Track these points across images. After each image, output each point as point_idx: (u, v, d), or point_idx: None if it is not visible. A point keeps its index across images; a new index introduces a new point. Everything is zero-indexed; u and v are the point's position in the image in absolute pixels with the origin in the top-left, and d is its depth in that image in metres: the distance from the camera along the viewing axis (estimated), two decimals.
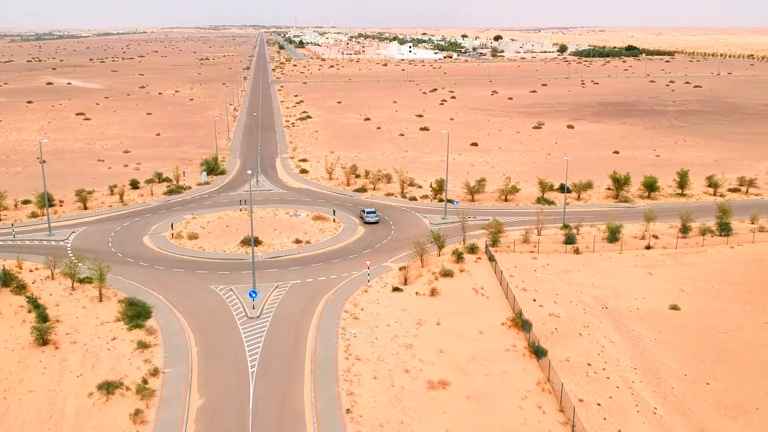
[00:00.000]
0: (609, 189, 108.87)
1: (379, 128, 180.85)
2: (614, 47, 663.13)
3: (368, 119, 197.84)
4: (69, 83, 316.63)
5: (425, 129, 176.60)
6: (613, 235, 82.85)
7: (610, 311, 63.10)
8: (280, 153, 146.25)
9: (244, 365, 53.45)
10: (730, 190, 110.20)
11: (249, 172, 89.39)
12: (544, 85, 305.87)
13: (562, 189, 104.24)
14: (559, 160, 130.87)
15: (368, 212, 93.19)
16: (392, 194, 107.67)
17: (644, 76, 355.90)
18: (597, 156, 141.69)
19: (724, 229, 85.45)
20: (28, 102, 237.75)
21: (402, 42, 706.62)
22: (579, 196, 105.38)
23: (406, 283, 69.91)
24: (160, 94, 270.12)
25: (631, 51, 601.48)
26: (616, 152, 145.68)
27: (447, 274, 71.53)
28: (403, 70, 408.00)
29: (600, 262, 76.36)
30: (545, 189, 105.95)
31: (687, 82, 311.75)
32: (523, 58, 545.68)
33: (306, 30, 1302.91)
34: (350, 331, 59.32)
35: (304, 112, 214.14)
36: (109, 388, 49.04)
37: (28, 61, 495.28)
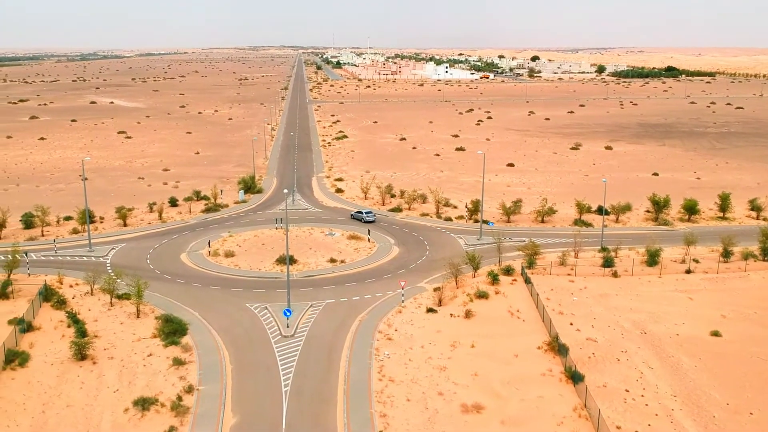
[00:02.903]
0: (648, 211, 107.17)
1: (414, 148, 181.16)
2: (653, 68, 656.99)
3: (404, 139, 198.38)
4: (111, 102, 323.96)
5: (461, 149, 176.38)
6: (653, 259, 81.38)
7: (649, 336, 61.81)
8: (316, 172, 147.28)
9: (278, 384, 53.49)
10: None
11: (285, 191, 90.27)
12: (581, 105, 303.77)
13: (600, 211, 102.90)
14: (596, 182, 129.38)
15: (366, 212, 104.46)
16: (427, 214, 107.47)
17: (684, 97, 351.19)
18: (636, 178, 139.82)
19: None
20: (72, 120, 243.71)
21: (438, 62, 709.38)
22: (617, 219, 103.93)
23: (440, 304, 69.49)
24: (199, 113, 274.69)
25: (671, 72, 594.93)
26: (656, 174, 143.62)
27: (482, 295, 70.90)
28: (440, 90, 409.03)
29: (639, 286, 75.00)
30: (583, 211, 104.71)
31: (728, 104, 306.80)
32: (560, 79, 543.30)
33: (343, 51, 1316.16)
34: (384, 351, 59.04)
35: (341, 131, 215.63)
36: (144, 404, 49.49)
37: (73, 80, 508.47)
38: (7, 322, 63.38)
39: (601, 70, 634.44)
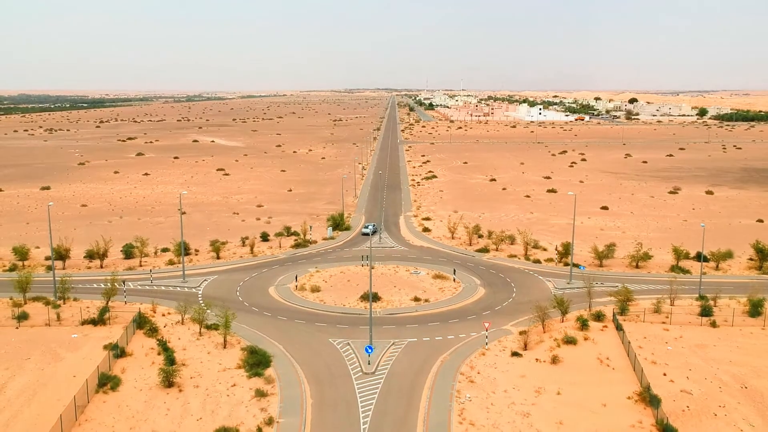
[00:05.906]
0: (751, 259, 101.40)
1: (504, 189, 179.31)
2: (760, 111, 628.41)
3: (494, 180, 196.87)
4: (212, 141, 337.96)
5: (552, 191, 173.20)
6: (755, 309, 76.66)
7: (750, 391, 57.88)
8: (404, 211, 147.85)
9: (357, 422, 53.10)
10: None
11: (366, 228, 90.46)
12: (681, 149, 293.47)
13: (699, 257, 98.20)
14: (695, 227, 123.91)
15: (372, 225, 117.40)
16: (515, 256, 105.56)
17: None
18: (738, 224, 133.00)
19: None
20: (175, 157, 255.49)
21: (532, 104, 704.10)
22: (717, 266, 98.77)
23: (525, 348, 67.61)
24: (294, 152, 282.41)
25: None
26: (760, 221, 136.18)
27: (570, 341, 68.56)
28: (532, 132, 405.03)
29: (739, 337, 70.66)
30: (680, 257, 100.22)
31: None
32: (659, 122, 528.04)
33: (436, 93, 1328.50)
34: (465, 394, 57.76)
35: (430, 171, 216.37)
36: None
37: (177, 120, 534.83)
38: (102, 346, 66.31)
39: (702, 113, 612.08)
